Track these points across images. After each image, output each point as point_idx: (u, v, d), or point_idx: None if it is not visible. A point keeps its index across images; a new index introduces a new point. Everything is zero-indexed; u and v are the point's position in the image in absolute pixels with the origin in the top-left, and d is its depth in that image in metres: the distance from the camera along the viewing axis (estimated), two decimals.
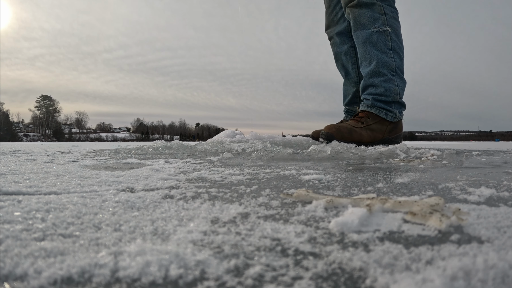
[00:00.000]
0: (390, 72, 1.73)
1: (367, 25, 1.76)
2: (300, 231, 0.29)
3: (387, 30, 1.75)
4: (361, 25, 1.78)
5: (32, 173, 0.72)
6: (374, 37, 1.75)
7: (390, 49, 1.75)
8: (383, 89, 1.70)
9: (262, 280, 0.19)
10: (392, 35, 1.77)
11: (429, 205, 0.34)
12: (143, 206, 0.39)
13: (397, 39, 1.79)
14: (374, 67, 1.73)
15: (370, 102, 1.72)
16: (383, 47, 1.74)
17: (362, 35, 1.78)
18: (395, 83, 1.73)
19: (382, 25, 1.75)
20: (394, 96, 1.72)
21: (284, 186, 0.55)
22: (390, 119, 1.72)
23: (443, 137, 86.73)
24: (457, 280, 0.18)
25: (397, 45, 1.78)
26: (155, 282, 0.19)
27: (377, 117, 1.71)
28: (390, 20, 1.77)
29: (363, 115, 1.73)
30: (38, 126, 68.12)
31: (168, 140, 3.06)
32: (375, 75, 1.73)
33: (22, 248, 0.24)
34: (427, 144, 5.73)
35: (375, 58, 1.73)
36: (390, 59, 1.74)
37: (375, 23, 1.75)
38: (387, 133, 1.74)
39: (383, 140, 1.72)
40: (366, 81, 1.76)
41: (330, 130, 1.63)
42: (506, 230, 0.28)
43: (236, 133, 1.99)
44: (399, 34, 1.81)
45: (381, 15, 1.76)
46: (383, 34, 1.75)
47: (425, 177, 0.66)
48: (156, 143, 2.05)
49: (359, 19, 1.79)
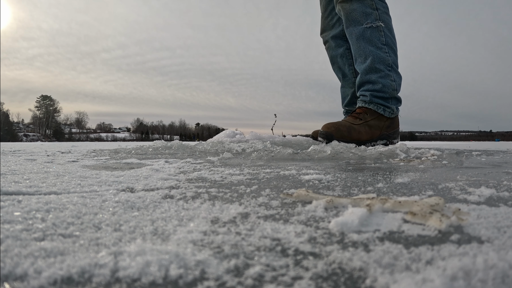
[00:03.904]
0: (386, 68, 1.72)
1: (359, 20, 1.74)
2: (300, 231, 0.29)
3: (380, 25, 1.72)
4: (353, 21, 1.76)
5: (32, 173, 0.72)
6: (368, 32, 1.72)
7: (385, 44, 1.73)
8: (380, 85, 1.69)
9: (262, 280, 0.19)
10: (385, 30, 1.74)
11: (429, 205, 0.34)
12: (143, 206, 0.39)
13: (390, 34, 1.76)
14: (370, 63, 1.71)
15: (368, 98, 1.71)
16: (377, 43, 1.72)
17: (355, 31, 1.75)
18: (392, 78, 1.72)
19: (374, 20, 1.72)
20: (392, 92, 1.71)
21: (284, 186, 0.55)
22: (388, 115, 1.72)
23: (443, 137, 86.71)
24: (457, 280, 0.18)
25: (390, 40, 1.76)
26: (155, 282, 0.19)
27: (375, 113, 1.71)
28: (382, 15, 1.74)
29: (361, 111, 1.72)
30: (38, 126, 68.10)
31: (168, 140, 3.06)
32: (371, 71, 1.71)
33: (22, 248, 0.24)
34: (427, 144, 5.73)
35: (370, 54, 1.71)
36: (385, 54, 1.72)
37: (367, 18, 1.72)
38: (384, 129, 1.73)
39: (381, 136, 1.72)
40: (363, 78, 1.75)
41: (329, 129, 1.61)
42: (506, 230, 0.28)
43: (236, 133, 1.99)
44: (391, 29, 1.79)
45: (373, 10, 1.73)
46: (376, 29, 1.72)
47: (425, 177, 0.66)
48: (156, 143, 2.05)
49: (351, 15, 1.76)
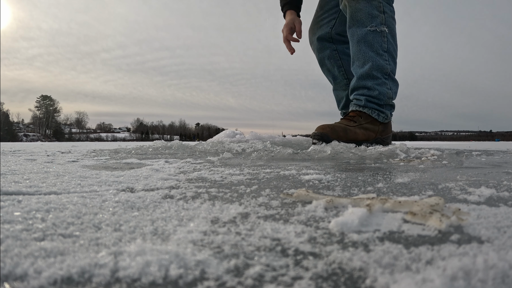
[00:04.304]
0: (383, 76, 1.67)
1: (364, 22, 1.66)
2: (300, 231, 0.29)
3: (384, 30, 1.66)
4: (357, 22, 1.67)
5: (32, 173, 0.72)
6: (370, 36, 1.65)
7: (386, 51, 1.67)
8: (376, 92, 1.66)
9: (262, 280, 0.19)
10: (389, 36, 1.68)
11: (429, 205, 0.34)
12: (143, 206, 0.39)
13: (392, 41, 1.71)
14: (368, 69, 1.66)
15: (363, 102, 1.68)
16: (378, 49, 1.66)
17: (358, 33, 1.68)
18: (388, 86, 1.68)
19: (379, 24, 1.65)
20: (387, 100, 1.68)
21: (284, 186, 0.55)
22: (382, 120, 1.69)
23: (443, 137, 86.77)
24: (457, 280, 0.18)
25: (392, 47, 1.70)
26: (155, 282, 0.19)
27: (369, 117, 1.68)
28: (388, 20, 1.68)
29: (354, 114, 1.69)
30: (38, 126, 68.14)
31: (168, 140, 3.06)
32: (368, 77, 1.67)
33: (22, 248, 0.24)
34: (427, 144, 5.73)
35: (369, 60, 1.65)
36: (385, 62, 1.67)
37: (372, 21, 1.65)
38: (379, 133, 1.72)
39: (376, 140, 1.70)
40: (359, 83, 1.70)
41: (324, 130, 1.56)
42: (506, 230, 0.28)
43: (236, 133, 1.99)
44: (395, 35, 1.73)
45: (380, 13, 1.66)
46: (380, 34, 1.65)
47: (425, 177, 0.66)
48: (156, 143, 2.05)
49: (356, 15, 1.67)
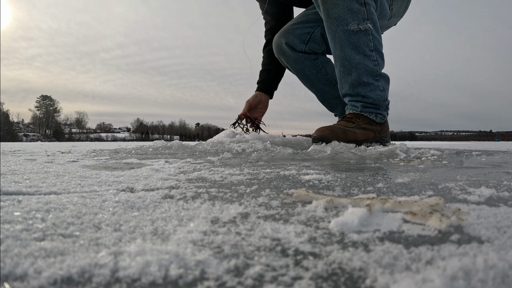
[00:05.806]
0: (374, 78, 1.53)
1: (343, 19, 1.44)
2: (300, 231, 0.29)
3: (369, 28, 1.45)
4: (336, 20, 1.45)
5: (32, 173, 0.72)
6: (354, 38, 1.45)
7: (373, 50, 1.50)
8: (371, 99, 1.58)
9: (262, 280, 0.19)
10: (373, 32, 1.48)
11: (429, 205, 0.34)
12: (143, 206, 0.39)
13: (377, 35, 1.52)
14: (357, 77, 1.50)
15: (359, 109, 1.62)
16: (365, 50, 1.48)
17: (339, 36, 1.46)
18: (381, 88, 1.58)
19: (362, 20, 1.44)
20: (382, 103, 1.62)
21: (284, 186, 0.55)
22: (379, 120, 1.68)
23: (443, 137, 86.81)
24: (457, 280, 0.18)
25: (378, 42, 1.52)
26: (155, 282, 0.19)
27: (367, 118, 1.66)
28: (370, 13, 1.46)
29: (352, 116, 1.63)
30: (38, 126, 68.17)
31: (168, 140, 3.06)
32: (360, 85, 1.52)
33: (22, 248, 0.24)
34: (427, 144, 5.73)
35: (358, 65, 1.48)
36: (374, 63, 1.51)
37: (354, 17, 1.43)
38: (377, 132, 1.72)
39: (375, 139, 1.70)
40: (351, 91, 1.56)
41: (323, 133, 1.51)
42: (506, 230, 0.28)
43: (236, 133, 1.99)
44: (378, 28, 1.53)
45: (361, 6, 1.44)
46: (364, 33, 1.45)
47: (425, 177, 0.66)
48: (156, 143, 2.05)
49: (333, 12, 1.45)
